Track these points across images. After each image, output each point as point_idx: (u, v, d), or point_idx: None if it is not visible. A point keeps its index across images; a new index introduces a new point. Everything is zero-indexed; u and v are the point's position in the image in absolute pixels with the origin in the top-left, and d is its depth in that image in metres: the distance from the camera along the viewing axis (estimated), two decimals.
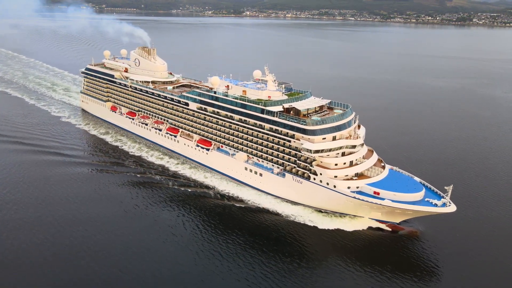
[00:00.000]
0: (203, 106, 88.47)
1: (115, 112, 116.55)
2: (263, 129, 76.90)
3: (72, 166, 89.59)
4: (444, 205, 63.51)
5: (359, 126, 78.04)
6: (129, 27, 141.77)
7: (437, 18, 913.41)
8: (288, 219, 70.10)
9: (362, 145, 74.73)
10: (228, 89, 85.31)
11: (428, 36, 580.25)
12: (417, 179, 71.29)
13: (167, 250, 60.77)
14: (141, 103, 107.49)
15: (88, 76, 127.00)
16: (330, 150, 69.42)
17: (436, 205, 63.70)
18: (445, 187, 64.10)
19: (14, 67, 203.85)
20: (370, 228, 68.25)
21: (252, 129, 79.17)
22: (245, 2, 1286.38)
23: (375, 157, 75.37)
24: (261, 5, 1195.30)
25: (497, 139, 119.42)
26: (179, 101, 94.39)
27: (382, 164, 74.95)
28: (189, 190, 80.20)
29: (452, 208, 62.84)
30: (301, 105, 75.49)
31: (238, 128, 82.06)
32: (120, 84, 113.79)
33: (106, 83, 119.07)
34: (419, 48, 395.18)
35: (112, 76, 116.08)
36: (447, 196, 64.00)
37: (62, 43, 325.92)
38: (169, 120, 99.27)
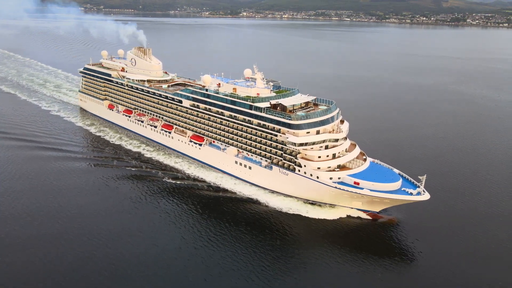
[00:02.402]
0: (196, 103, 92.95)
1: (112, 110, 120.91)
2: (252, 124, 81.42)
3: (61, 158, 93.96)
4: (418, 193, 68.07)
5: (342, 121, 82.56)
6: (114, 26, 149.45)
7: (432, 19, 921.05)
8: (274, 208, 74.33)
9: (345, 139, 79.34)
10: (219, 86, 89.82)
11: (419, 36, 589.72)
12: (396, 170, 75.83)
13: (158, 237, 64.78)
14: (137, 101, 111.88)
15: (86, 76, 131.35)
16: (313, 143, 73.93)
17: (411, 194, 68.23)
18: (419, 177, 68.81)
19: (9, 65, 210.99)
20: (351, 217, 72.60)
21: (241, 125, 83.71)
22: (242, 3, 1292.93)
23: (357, 150, 79.90)
24: (258, 6, 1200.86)
25: (467, 133, 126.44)
26: (173, 99, 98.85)
27: (364, 157, 79.51)
28: (181, 182, 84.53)
29: (426, 196, 67.36)
30: (288, 101, 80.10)
31: (228, 123, 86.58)
32: (117, 83, 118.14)
33: (104, 82, 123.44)
34: (407, 47, 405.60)
35: (110, 75, 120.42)
36: (421, 185, 68.70)
37: (57, 43, 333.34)
38: (164, 117, 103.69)
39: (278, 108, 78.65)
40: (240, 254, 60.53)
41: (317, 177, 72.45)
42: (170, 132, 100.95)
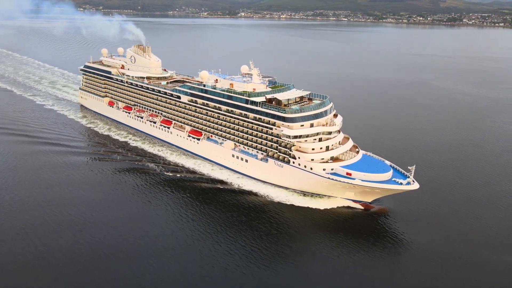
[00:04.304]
0: (194, 99, 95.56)
1: (113, 107, 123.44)
2: (248, 118, 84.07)
3: (53, 152, 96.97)
4: (408, 183, 70.78)
5: (336, 115, 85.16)
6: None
7: (428, 19, 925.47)
8: (270, 199, 76.98)
9: (338, 132, 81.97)
10: (217, 82, 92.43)
11: (413, 36, 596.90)
12: (387, 162, 78.52)
13: (156, 227, 67.15)
14: (137, 98, 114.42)
15: (87, 73, 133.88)
16: (307, 136, 76.59)
17: (401, 183, 70.95)
18: (409, 167, 71.51)
19: (7, 63, 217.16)
20: (344, 207, 75.22)
21: (238, 119, 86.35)
22: (241, 3, 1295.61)
23: (350, 143, 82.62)
24: (257, 7, 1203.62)
25: (454, 126, 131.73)
26: (171, 95, 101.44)
27: (357, 149, 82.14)
28: (178, 175, 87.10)
29: (415, 186, 70.10)
30: (283, 96, 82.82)
31: (225, 118, 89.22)
32: (117, 80, 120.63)
33: (104, 79, 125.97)
34: (400, 47, 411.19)
35: (109, 72, 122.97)
36: (410, 175, 71.41)
37: (52, 42, 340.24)
38: (163, 113, 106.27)
39: (273, 102, 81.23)
40: (236, 242, 62.99)
41: (311, 169, 75.07)
42: (169, 128, 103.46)
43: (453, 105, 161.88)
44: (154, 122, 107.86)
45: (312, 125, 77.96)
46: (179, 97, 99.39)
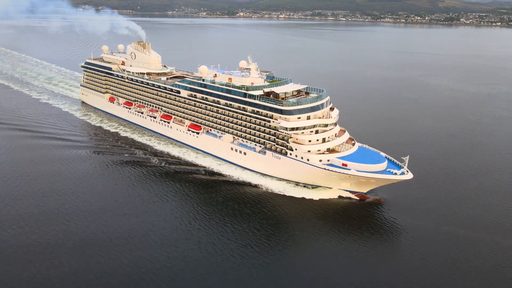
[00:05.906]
0: (193, 93, 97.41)
1: (113, 102, 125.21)
2: (246, 111, 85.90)
3: (49, 144, 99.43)
4: (402, 173, 72.70)
5: (332, 109, 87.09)
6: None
7: (426, 18, 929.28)
8: (267, 191, 78.78)
9: (334, 124, 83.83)
10: (215, 77, 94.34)
11: (410, 35, 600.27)
12: (383, 154, 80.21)
13: (155, 218, 68.46)
14: (137, 93, 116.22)
15: (88, 70, 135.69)
16: (304, 128, 78.44)
17: (395, 174, 72.81)
18: (403, 158, 73.46)
19: (5, 61, 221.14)
20: (340, 197, 77.13)
21: (236, 112, 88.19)
22: (240, 3, 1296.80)
23: (346, 135, 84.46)
24: (256, 7, 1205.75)
25: (443, 119, 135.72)
26: (171, 90, 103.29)
27: (353, 141, 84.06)
28: (179, 168, 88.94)
29: (409, 176, 71.98)
30: (280, 89, 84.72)
31: (224, 112, 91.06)
32: (117, 76, 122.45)
33: (105, 76, 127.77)
34: (394, 45, 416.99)
35: (110, 69, 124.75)
36: (404, 165, 73.36)
37: (50, 40, 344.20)
38: (163, 108, 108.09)
39: (271, 95, 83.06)
40: (233, 232, 64.67)
41: (308, 160, 76.90)
42: (169, 122, 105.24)
43: (445, 100, 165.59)
44: (154, 117, 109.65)
45: (309, 118, 79.81)
46: (178, 92, 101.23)
